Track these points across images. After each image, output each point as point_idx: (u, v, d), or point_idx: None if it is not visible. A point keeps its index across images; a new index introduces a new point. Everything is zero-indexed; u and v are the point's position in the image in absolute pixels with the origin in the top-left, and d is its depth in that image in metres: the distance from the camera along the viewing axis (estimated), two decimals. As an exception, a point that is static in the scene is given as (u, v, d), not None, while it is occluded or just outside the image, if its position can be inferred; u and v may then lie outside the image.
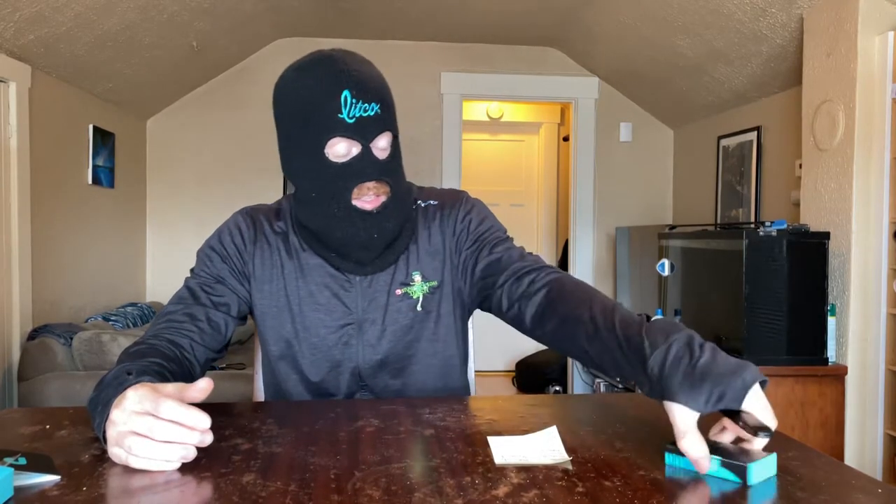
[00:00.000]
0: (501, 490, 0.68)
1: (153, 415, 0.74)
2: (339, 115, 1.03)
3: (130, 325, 3.46)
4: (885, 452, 2.43)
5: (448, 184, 4.22)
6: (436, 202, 1.23)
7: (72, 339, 2.92)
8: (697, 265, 2.88)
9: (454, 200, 1.23)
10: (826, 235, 2.49)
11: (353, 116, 1.03)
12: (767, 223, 2.55)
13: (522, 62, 4.44)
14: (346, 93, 1.02)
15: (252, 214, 1.21)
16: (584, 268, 4.53)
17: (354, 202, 1.07)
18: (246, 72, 4.30)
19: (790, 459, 0.78)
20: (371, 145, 1.05)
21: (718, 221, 3.87)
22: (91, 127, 3.48)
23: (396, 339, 1.16)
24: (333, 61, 1.06)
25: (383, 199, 1.08)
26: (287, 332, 1.16)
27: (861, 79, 2.42)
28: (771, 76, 3.25)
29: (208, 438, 0.76)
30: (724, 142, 3.85)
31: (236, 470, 0.73)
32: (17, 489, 0.67)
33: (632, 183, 4.56)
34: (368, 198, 1.07)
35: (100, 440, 0.79)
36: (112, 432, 0.75)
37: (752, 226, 2.96)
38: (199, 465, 0.75)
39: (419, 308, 1.17)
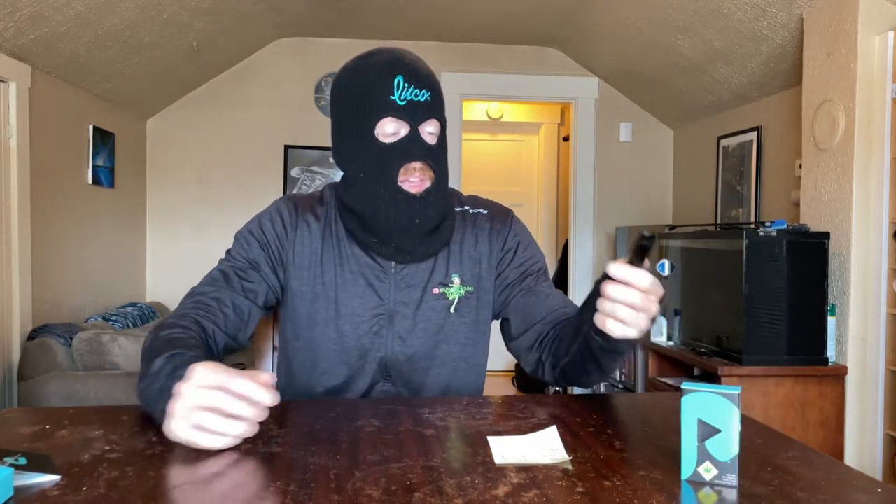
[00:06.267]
0: (501, 490, 0.68)
1: (224, 389, 0.75)
2: (391, 97, 1.08)
3: (130, 325, 3.45)
4: (885, 452, 2.43)
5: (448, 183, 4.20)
6: (486, 212, 1.26)
7: (72, 339, 2.92)
8: (697, 265, 2.88)
9: (504, 216, 1.27)
10: (826, 235, 2.49)
11: (405, 99, 1.08)
12: (767, 223, 2.55)
13: (522, 62, 4.44)
14: (399, 77, 1.08)
15: (294, 200, 1.23)
16: (584, 268, 4.53)
17: (400, 183, 1.10)
18: (246, 72, 4.30)
19: (790, 459, 0.78)
20: (419, 128, 1.10)
21: (718, 221, 3.87)
22: (91, 127, 3.48)
23: (427, 336, 1.17)
24: (390, 51, 1.13)
25: (428, 184, 1.12)
26: (320, 318, 1.16)
27: (861, 79, 2.42)
28: (771, 76, 3.25)
29: (264, 415, 0.78)
30: (724, 142, 3.85)
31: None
32: (17, 489, 0.67)
33: (632, 183, 4.56)
34: (414, 180, 1.10)
35: (151, 426, 0.82)
36: (178, 406, 0.76)
37: (752, 226, 2.96)
38: (200, 465, 0.74)
39: (453, 310, 1.19)
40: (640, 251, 0.86)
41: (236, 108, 4.29)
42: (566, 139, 5.54)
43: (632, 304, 0.86)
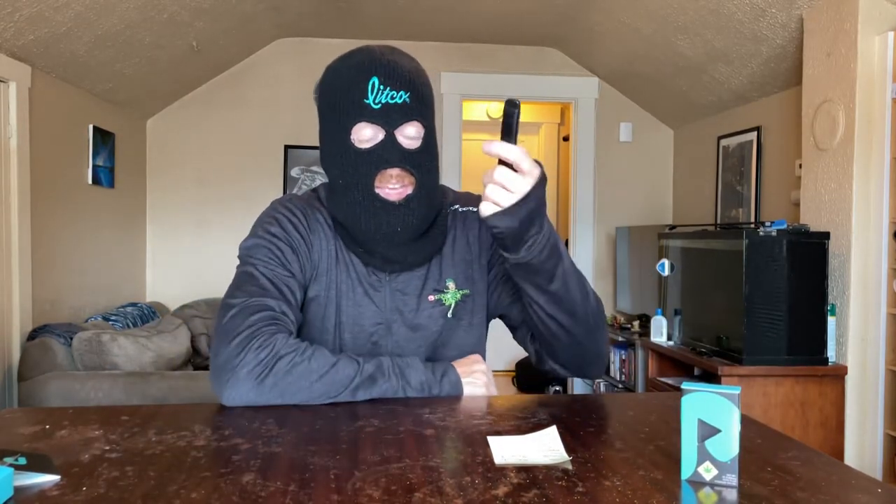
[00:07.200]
0: (501, 490, 0.68)
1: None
2: (365, 101, 1.04)
3: (130, 324, 3.45)
4: (885, 452, 2.43)
5: (448, 184, 4.21)
6: (475, 209, 1.20)
7: (72, 339, 2.92)
8: (697, 265, 2.88)
9: None
10: (826, 235, 2.49)
11: (379, 102, 1.03)
12: (767, 223, 2.56)
13: (522, 62, 4.44)
14: (374, 79, 1.04)
15: (299, 200, 1.17)
16: (584, 268, 4.53)
17: (378, 191, 1.06)
18: (246, 72, 4.30)
19: (790, 459, 0.78)
20: (396, 133, 1.05)
21: (718, 221, 3.87)
22: (91, 127, 3.48)
23: (427, 343, 1.15)
24: (369, 51, 1.08)
25: (409, 190, 1.07)
26: (330, 323, 1.14)
27: (861, 79, 2.42)
28: (771, 76, 3.25)
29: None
30: (724, 142, 3.85)
31: (236, 470, 0.73)
32: (17, 489, 0.67)
33: (632, 183, 4.56)
34: (393, 187, 1.06)
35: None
36: (474, 376, 1.06)
37: (752, 226, 2.96)
38: (199, 465, 0.75)
39: (450, 315, 1.16)
40: (507, 119, 0.90)
41: (236, 108, 4.29)
42: (566, 139, 5.54)
43: (494, 179, 0.90)
